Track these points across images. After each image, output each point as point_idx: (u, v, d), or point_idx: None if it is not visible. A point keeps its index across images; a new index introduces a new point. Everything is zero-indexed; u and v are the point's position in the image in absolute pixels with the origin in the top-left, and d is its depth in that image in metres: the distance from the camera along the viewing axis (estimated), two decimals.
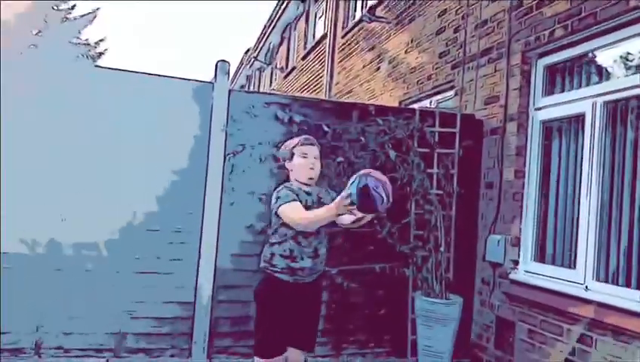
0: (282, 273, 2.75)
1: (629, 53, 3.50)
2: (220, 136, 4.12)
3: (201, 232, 4.04)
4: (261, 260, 2.86)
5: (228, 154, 4.13)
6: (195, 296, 4.01)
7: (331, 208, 2.54)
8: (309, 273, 2.79)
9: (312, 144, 2.89)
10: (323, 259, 2.87)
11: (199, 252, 4.03)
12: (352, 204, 2.47)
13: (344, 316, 4.37)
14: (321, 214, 2.60)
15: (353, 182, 2.51)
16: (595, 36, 3.65)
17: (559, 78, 4.14)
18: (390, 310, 4.46)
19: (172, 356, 3.98)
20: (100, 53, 20.95)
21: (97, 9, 20.14)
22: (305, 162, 2.83)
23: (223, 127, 4.11)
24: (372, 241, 4.29)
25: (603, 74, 3.75)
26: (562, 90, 4.08)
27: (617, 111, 3.58)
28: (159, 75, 4.11)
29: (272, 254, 2.79)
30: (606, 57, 3.71)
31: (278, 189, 2.80)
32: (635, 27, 3.28)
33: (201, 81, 4.22)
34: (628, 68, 3.54)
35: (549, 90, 4.19)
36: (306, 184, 2.84)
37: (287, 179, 2.93)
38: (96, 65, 4.01)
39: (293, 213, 2.64)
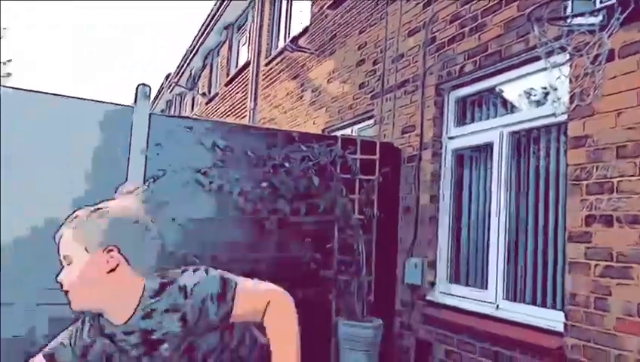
0: None
1: (531, 88, 3.83)
2: (140, 160, 4.00)
3: None
4: None
5: (148, 179, 4.02)
6: None
7: None
8: None
9: None
10: None
11: None
12: None
13: None
14: None
15: None
16: (500, 72, 3.96)
17: (469, 109, 4.43)
18: (314, 336, 4.45)
19: None
20: (8, 73, 19.83)
21: (4, 28, 19.13)
22: None
23: (142, 151, 4.00)
24: (295, 267, 4.30)
25: (508, 106, 4.07)
26: (472, 121, 4.37)
27: (521, 141, 3.88)
28: (76, 98, 3.94)
29: None
30: (511, 91, 4.03)
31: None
32: (534, 64, 3.58)
33: (120, 105, 4.10)
34: (530, 101, 3.86)
35: (461, 120, 4.47)
36: None
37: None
38: (5, 86, 3.79)
39: None
